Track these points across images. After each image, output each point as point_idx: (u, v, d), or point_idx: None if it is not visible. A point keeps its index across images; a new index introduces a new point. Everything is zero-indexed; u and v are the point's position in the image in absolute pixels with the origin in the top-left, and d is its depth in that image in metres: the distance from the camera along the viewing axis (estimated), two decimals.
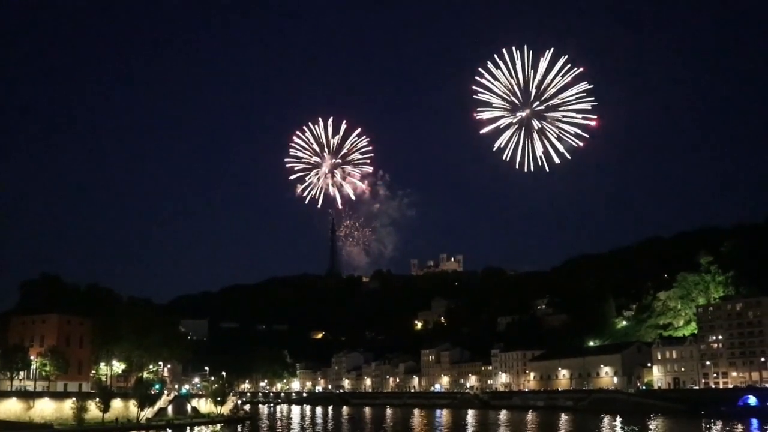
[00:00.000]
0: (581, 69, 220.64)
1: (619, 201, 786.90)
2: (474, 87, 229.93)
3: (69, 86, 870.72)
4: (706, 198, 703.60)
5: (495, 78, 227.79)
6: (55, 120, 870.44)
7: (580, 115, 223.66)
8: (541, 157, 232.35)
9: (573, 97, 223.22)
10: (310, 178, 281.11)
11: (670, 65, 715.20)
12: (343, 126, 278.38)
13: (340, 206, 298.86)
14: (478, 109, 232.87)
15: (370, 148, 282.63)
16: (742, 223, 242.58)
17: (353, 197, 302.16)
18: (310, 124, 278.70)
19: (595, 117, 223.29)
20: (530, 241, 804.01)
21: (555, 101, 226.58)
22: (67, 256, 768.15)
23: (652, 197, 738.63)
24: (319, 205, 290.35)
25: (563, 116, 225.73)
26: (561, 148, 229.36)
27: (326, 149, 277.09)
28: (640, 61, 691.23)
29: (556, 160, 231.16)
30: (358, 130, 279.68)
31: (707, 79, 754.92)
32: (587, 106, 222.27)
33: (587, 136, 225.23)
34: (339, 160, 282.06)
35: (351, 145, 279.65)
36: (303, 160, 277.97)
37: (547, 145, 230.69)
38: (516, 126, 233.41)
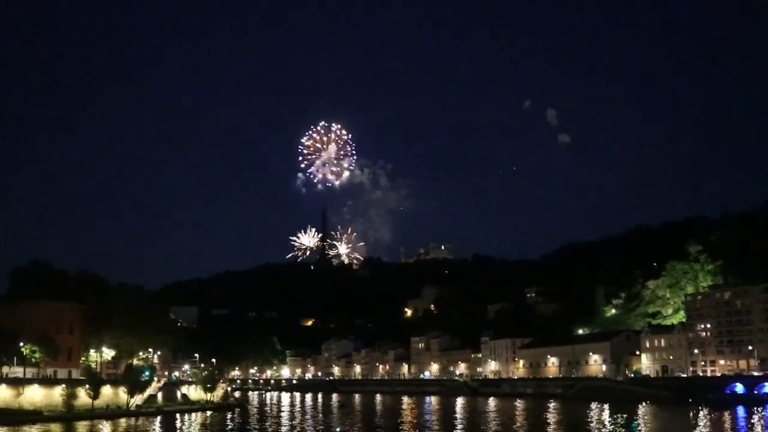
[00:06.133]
0: None
1: (608, 190, 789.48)
2: None
3: (61, 76, 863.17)
4: (695, 187, 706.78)
5: None
6: (46, 108, 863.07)
7: None
8: None
9: None
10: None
11: (652, 55, 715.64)
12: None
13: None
14: None
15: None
16: (731, 212, 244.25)
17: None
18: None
19: None
20: (520, 230, 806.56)
21: None
22: (58, 243, 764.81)
23: (641, 186, 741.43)
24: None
25: None
26: None
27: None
28: (629, 54, 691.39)
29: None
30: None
31: (693, 67, 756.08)
32: None
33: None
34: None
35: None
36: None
37: None
38: None
